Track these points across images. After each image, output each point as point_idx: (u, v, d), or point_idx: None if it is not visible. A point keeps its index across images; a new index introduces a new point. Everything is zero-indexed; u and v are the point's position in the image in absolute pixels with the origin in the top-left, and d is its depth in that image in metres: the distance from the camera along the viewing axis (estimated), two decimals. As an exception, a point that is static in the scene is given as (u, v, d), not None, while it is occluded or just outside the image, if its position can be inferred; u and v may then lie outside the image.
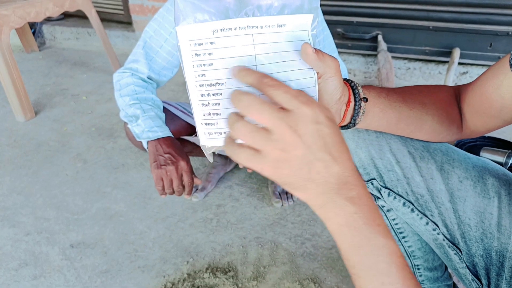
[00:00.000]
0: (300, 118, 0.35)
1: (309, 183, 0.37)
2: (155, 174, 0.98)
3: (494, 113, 0.60)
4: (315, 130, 0.36)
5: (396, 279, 0.37)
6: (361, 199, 0.38)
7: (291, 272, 1.12)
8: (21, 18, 1.99)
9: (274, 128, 0.35)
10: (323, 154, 0.36)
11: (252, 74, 0.38)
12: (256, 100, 0.36)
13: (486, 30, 1.99)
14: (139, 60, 1.10)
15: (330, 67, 0.43)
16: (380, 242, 0.37)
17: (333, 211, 0.38)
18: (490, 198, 0.62)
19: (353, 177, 0.38)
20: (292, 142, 0.35)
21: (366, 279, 0.38)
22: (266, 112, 0.35)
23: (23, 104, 2.01)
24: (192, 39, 0.39)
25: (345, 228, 0.38)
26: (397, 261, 0.37)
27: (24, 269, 1.18)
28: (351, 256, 0.38)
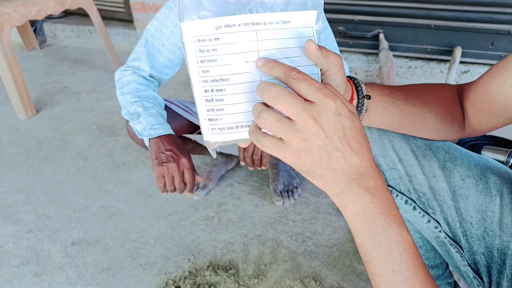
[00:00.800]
0: (323, 110, 0.37)
1: (328, 172, 0.39)
2: (156, 171, 0.98)
3: (497, 112, 0.60)
4: (337, 122, 0.37)
5: (407, 267, 0.39)
6: (377, 190, 0.39)
7: (292, 270, 1.12)
8: (22, 16, 1.99)
9: (298, 119, 0.37)
10: (343, 145, 0.38)
11: (279, 66, 0.39)
12: (282, 92, 0.37)
13: (488, 28, 1.99)
14: (141, 58, 1.10)
15: (333, 64, 0.43)
16: (394, 231, 0.39)
17: (350, 199, 0.39)
18: (492, 196, 0.62)
19: (371, 168, 0.40)
20: (314, 133, 0.37)
21: (378, 266, 0.40)
22: (291, 103, 0.37)
23: (24, 102, 2.01)
24: (196, 35, 0.39)
25: (361, 216, 0.39)
26: (409, 250, 0.39)
27: (26, 266, 1.18)
28: (366, 244, 0.40)
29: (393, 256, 0.39)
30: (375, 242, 0.39)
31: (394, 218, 0.39)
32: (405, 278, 0.39)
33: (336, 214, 1.32)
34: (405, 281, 0.39)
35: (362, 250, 0.41)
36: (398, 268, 0.39)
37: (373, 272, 0.40)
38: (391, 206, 0.40)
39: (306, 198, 1.40)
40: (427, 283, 0.39)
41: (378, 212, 0.39)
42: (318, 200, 1.38)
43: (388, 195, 0.40)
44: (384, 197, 0.39)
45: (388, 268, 0.39)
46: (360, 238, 0.40)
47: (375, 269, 0.40)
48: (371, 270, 0.40)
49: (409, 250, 0.39)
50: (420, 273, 0.39)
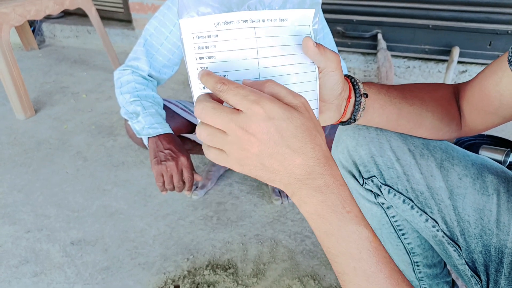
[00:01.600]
0: (250, 117, 0.36)
1: (273, 176, 0.39)
2: (155, 170, 0.98)
3: (492, 110, 0.60)
4: (268, 127, 0.36)
5: (368, 264, 0.38)
6: (328, 187, 0.38)
7: (291, 269, 1.13)
8: (21, 16, 1.99)
9: (228, 130, 0.37)
10: (281, 148, 0.37)
11: (209, 79, 0.39)
12: (207, 106, 0.37)
13: (486, 28, 2.00)
14: (139, 57, 1.10)
15: (331, 62, 0.43)
16: (350, 228, 0.38)
17: (302, 200, 0.39)
18: (489, 195, 0.62)
19: (319, 165, 0.38)
20: (246, 142, 0.37)
21: (340, 264, 0.39)
22: (217, 117, 0.37)
23: (23, 102, 2.01)
24: (195, 32, 0.39)
25: (315, 216, 0.39)
26: (369, 246, 0.38)
27: (25, 266, 1.18)
28: (325, 243, 0.39)
29: (352, 254, 0.38)
30: (332, 240, 0.38)
31: (349, 215, 0.38)
32: (367, 276, 0.38)
33: (335, 213, 1.32)
34: (368, 278, 0.38)
35: (323, 248, 0.40)
36: (358, 266, 0.38)
37: (337, 270, 0.40)
38: (344, 203, 0.38)
39: (304, 197, 1.40)
40: (393, 277, 0.38)
41: (331, 210, 0.38)
42: (316, 200, 1.39)
43: (341, 191, 0.39)
44: (336, 194, 0.38)
45: (348, 266, 0.38)
46: (318, 236, 0.40)
47: (338, 267, 0.39)
48: (335, 268, 0.40)
49: (368, 246, 0.38)
50: (384, 269, 0.38)
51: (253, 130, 0.36)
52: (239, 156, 0.38)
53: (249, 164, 0.38)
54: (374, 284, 0.38)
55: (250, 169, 0.39)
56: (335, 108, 0.52)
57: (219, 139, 0.38)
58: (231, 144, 0.37)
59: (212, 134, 0.38)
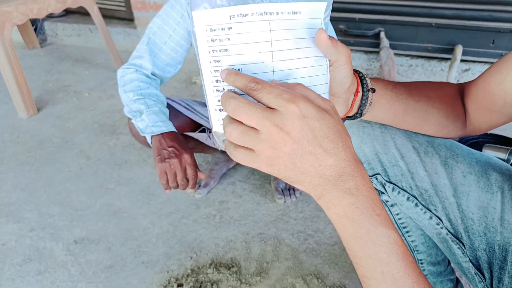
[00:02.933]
0: (285, 115, 0.36)
1: (304, 177, 0.38)
2: (159, 167, 0.99)
3: (497, 108, 0.60)
4: (303, 125, 0.36)
5: (396, 268, 0.37)
6: (358, 190, 0.38)
7: (294, 268, 1.13)
8: (23, 15, 1.99)
9: (262, 128, 0.37)
10: (314, 148, 0.37)
11: (240, 78, 0.38)
12: (241, 104, 0.37)
13: (489, 27, 1.99)
14: (143, 56, 1.10)
15: (342, 55, 0.43)
16: (379, 232, 0.37)
17: (330, 202, 0.38)
18: (494, 193, 0.62)
19: (350, 167, 0.38)
20: (280, 140, 0.36)
21: (366, 268, 0.38)
22: (252, 113, 0.36)
23: (26, 101, 2.02)
24: (208, 25, 0.39)
25: (344, 219, 0.38)
26: (398, 250, 0.38)
27: (29, 264, 1.19)
28: (352, 246, 0.39)
29: (381, 258, 0.37)
30: (361, 244, 0.38)
31: (379, 218, 0.38)
32: (395, 280, 0.37)
33: (338, 212, 1.32)
34: (395, 282, 0.37)
35: (349, 252, 0.39)
36: (386, 270, 0.37)
37: (363, 274, 0.39)
38: (375, 206, 0.38)
39: (307, 196, 1.40)
40: (420, 282, 0.38)
41: (361, 213, 0.37)
42: (319, 198, 1.39)
43: (371, 194, 0.38)
44: (366, 197, 0.38)
45: (376, 270, 0.38)
46: (345, 240, 0.39)
47: (364, 271, 0.39)
48: (360, 272, 0.39)
49: (397, 250, 0.38)
50: (412, 273, 0.38)
51: (288, 128, 0.36)
52: (270, 155, 0.37)
53: (279, 164, 0.37)
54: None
55: (279, 169, 0.38)
56: (343, 102, 0.52)
57: (251, 137, 0.37)
58: (263, 142, 0.37)
59: (244, 132, 0.37)
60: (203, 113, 1.28)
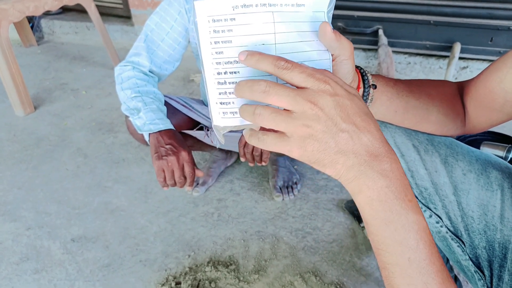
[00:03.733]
0: (318, 92, 0.36)
1: (338, 157, 0.37)
2: (156, 165, 0.98)
3: (497, 107, 0.60)
4: (335, 102, 0.36)
5: (423, 255, 0.37)
6: (393, 173, 0.37)
7: (292, 265, 1.13)
8: (20, 12, 1.97)
9: (294, 106, 0.36)
10: (347, 125, 0.36)
11: (266, 58, 0.37)
12: (271, 84, 0.36)
13: (487, 24, 1.99)
14: (140, 53, 1.09)
15: (345, 49, 0.43)
16: (411, 218, 0.37)
17: (364, 184, 0.37)
18: (493, 191, 0.62)
19: (384, 148, 0.37)
20: (313, 117, 0.36)
21: (393, 254, 0.38)
22: (284, 92, 0.36)
23: (23, 99, 2.00)
24: (211, 15, 0.38)
25: (376, 202, 0.37)
26: (426, 237, 0.37)
27: (26, 263, 1.18)
28: (380, 231, 0.38)
29: (409, 244, 0.37)
30: (391, 229, 0.37)
31: (411, 204, 0.37)
32: (421, 267, 0.37)
33: (336, 209, 1.32)
34: (421, 270, 0.37)
35: (375, 238, 0.38)
36: (414, 257, 0.37)
37: (387, 261, 0.38)
38: (407, 191, 0.37)
39: (305, 194, 1.40)
40: (443, 272, 0.37)
41: (394, 197, 0.36)
42: (317, 196, 1.38)
43: (404, 179, 0.38)
44: (400, 181, 0.37)
45: (403, 257, 0.37)
46: (373, 225, 0.38)
47: (389, 257, 0.38)
48: (385, 259, 0.38)
49: (425, 238, 0.37)
50: (437, 262, 0.37)
51: (321, 104, 0.36)
52: (304, 134, 0.36)
53: (312, 144, 0.36)
54: (426, 276, 0.37)
55: (312, 151, 0.36)
56: None
57: (284, 116, 0.36)
58: (296, 121, 0.36)
59: (276, 112, 0.36)
60: (201, 111, 1.27)
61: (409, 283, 0.37)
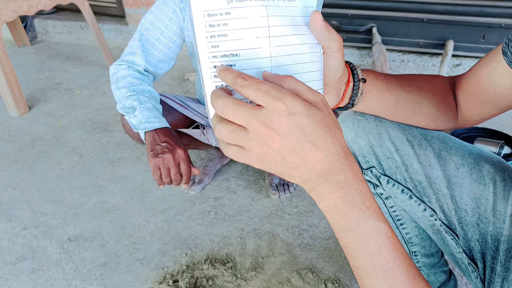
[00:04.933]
0: (272, 113, 0.36)
1: (294, 171, 0.38)
2: (152, 163, 0.98)
3: (487, 100, 0.61)
4: (290, 122, 0.36)
5: (386, 259, 0.38)
6: (348, 183, 0.38)
7: (289, 262, 1.13)
8: (13, 12, 1.96)
9: (249, 127, 0.37)
10: (302, 143, 0.37)
11: (227, 74, 0.38)
12: (228, 103, 0.37)
13: (480, 22, 2.01)
14: (135, 52, 1.09)
15: (335, 41, 0.44)
16: (369, 224, 0.38)
17: (321, 195, 0.39)
18: (486, 184, 0.63)
19: (339, 161, 0.38)
20: (268, 137, 0.37)
21: (357, 258, 0.39)
22: (239, 113, 0.37)
23: (17, 99, 1.99)
24: (206, 10, 0.39)
25: (334, 211, 0.39)
26: (388, 241, 0.38)
27: (22, 263, 1.18)
28: (343, 238, 0.39)
29: (371, 249, 0.38)
30: (351, 235, 0.39)
31: (369, 211, 0.38)
32: (385, 270, 0.38)
33: (332, 206, 1.33)
34: (385, 273, 0.38)
35: (341, 243, 0.40)
36: (376, 261, 0.38)
37: (354, 264, 0.40)
38: (364, 199, 0.39)
39: (301, 191, 1.41)
40: (410, 272, 0.39)
41: (351, 206, 0.38)
42: (313, 193, 1.39)
43: (361, 187, 0.39)
44: (356, 190, 0.38)
45: (367, 261, 0.39)
46: (337, 232, 0.40)
47: (355, 261, 0.40)
48: (352, 262, 0.40)
49: (387, 242, 0.38)
50: (402, 264, 0.39)
51: (275, 126, 0.36)
52: (260, 152, 0.38)
53: (269, 160, 0.38)
54: (391, 278, 0.38)
55: (270, 165, 0.38)
56: (335, 92, 0.53)
57: (240, 136, 0.38)
58: (252, 140, 0.37)
59: (233, 131, 0.38)
60: (196, 109, 1.27)
61: (375, 285, 0.39)
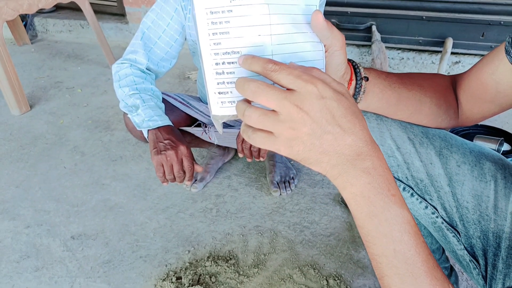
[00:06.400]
0: (304, 95, 0.37)
1: (322, 156, 0.38)
2: (155, 160, 0.99)
3: (489, 98, 0.62)
4: (321, 105, 0.37)
5: (408, 246, 0.39)
6: (375, 170, 0.39)
7: (291, 259, 1.14)
8: (14, 10, 1.96)
9: (281, 109, 0.37)
10: (332, 127, 0.37)
11: (257, 61, 0.38)
12: (261, 86, 0.37)
13: (479, 19, 2.01)
14: (137, 51, 1.10)
15: (337, 40, 0.44)
16: (394, 211, 0.39)
17: (348, 181, 0.39)
18: (487, 182, 0.64)
19: (367, 147, 0.39)
20: (299, 120, 0.37)
21: (379, 246, 0.40)
22: (272, 95, 0.37)
23: (18, 98, 2.00)
24: (208, 7, 0.39)
25: (360, 198, 0.39)
26: (410, 230, 0.39)
27: (26, 261, 1.19)
28: (366, 225, 0.40)
29: (394, 236, 0.39)
30: (375, 222, 0.39)
31: (394, 198, 0.39)
32: (407, 258, 0.39)
33: (333, 204, 1.34)
34: (406, 260, 0.39)
35: (362, 230, 0.40)
36: (399, 248, 0.39)
37: (374, 252, 0.40)
38: (390, 186, 0.39)
39: (302, 188, 1.42)
40: (429, 261, 0.39)
41: (377, 192, 0.38)
42: (314, 191, 1.40)
43: (387, 174, 0.39)
44: (383, 177, 0.39)
45: (388, 248, 0.39)
46: (360, 219, 0.40)
47: (376, 249, 0.40)
48: (372, 250, 0.40)
49: (409, 230, 0.39)
50: (422, 252, 0.39)
51: (307, 108, 0.37)
52: (290, 136, 0.37)
53: (298, 145, 0.38)
54: (412, 266, 0.39)
55: (298, 151, 0.38)
56: None
57: (271, 119, 0.37)
58: (283, 124, 0.37)
59: (264, 114, 0.38)
60: (198, 108, 1.28)
61: (395, 273, 0.39)
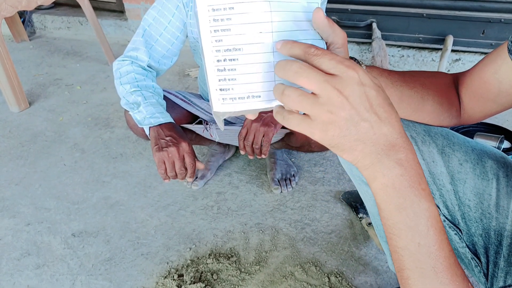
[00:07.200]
0: (346, 80, 0.37)
1: (357, 144, 0.38)
2: (156, 157, 0.99)
3: (491, 97, 0.62)
4: (361, 92, 0.37)
5: (433, 241, 0.39)
6: (408, 162, 0.39)
7: (292, 256, 1.15)
8: (12, 7, 1.95)
9: (322, 92, 0.37)
10: (370, 115, 0.37)
11: (298, 45, 0.38)
12: (304, 67, 0.37)
13: (479, 17, 2.01)
14: (139, 48, 1.10)
15: (338, 37, 0.44)
16: (423, 205, 0.39)
17: (380, 171, 0.39)
18: (489, 180, 0.64)
19: (402, 139, 0.39)
20: (338, 104, 0.37)
21: (403, 239, 0.40)
22: (314, 77, 0.37)
23: (17, 95, 1.99)
24: (210, 5, 0.39)
25: (391, 189, 0.39)
26: (436, 224, 0.39)
27: (27, 258, 1.19)
28: (393, 217, 0.40)
29: (420, 230, 0.39)
30: (403, 215, 0.39)
31: (424, 192, 0.39)
32: (430, 252, 0.39)
33: (334, 201, 1.34)
34: (430, 254, 0.39)
35: (387, 222, 0.40)
36: (424, 242, 0.39)
37: (397, 245, 0.40)
38: (421, 180, 0.39)
39: (303, 186, 1.42)
40: (451, 257, 0.40)
41: (408, 185, 0.38)
42: (315, 188, 1.41)
43: (418, 168, 0.40)
44: (415, 170, 0.39)
45: (413, 242, 0.39)
46: (387, 210, 0.40)
47: (400, 242, 0.40)
48: (395, 243, 0.40)
49: (436, 225, 0.39)
50: (445, 248, 0.40)
51: (347, 93, 0.36)
52: (326, 120, 0.37)
53: (334, 129, 0.37)
54: (434, 261, 0.39)
55: (333, 136, 0.38)
56: None
57: (310, 100, 0.37)
58: (321, 106, 0.37)
59: (303, 95, 0.37)
60: (199, 105, 1.28)
61: (417, 266, 0.39)
